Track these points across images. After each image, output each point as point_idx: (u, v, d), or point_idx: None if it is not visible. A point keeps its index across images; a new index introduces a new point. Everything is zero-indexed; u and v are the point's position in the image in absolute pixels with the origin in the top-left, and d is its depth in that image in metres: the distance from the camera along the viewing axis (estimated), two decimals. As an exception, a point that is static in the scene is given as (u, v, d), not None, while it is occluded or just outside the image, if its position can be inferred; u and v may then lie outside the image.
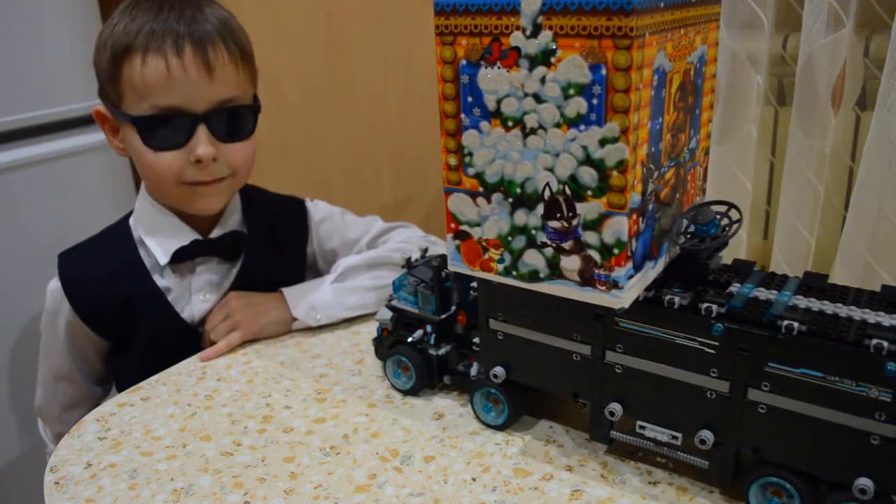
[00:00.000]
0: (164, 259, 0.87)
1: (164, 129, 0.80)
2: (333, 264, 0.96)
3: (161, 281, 0.88)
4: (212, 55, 0.80)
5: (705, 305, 0.54)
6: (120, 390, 0.93)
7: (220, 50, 0.81)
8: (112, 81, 0.81)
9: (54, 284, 0.88)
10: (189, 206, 0.86)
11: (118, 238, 0.89)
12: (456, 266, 0.60)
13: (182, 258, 0.87)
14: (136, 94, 0.79)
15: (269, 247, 0.94)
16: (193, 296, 0.89)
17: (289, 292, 0.88)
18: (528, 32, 0.50)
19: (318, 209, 1.00)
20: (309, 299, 0.87)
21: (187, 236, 0.88)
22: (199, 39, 0.79)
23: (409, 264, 0.73)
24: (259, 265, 0.92)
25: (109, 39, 0.80)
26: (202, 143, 0.81)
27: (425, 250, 0.78)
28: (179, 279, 0.89)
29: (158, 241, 0.87)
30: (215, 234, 0.90)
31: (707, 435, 0.55)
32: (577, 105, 0.50)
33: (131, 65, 0.79)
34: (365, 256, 0.92)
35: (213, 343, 0.85)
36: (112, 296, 0.86)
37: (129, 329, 0.88)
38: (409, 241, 0.96)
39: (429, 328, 0.72)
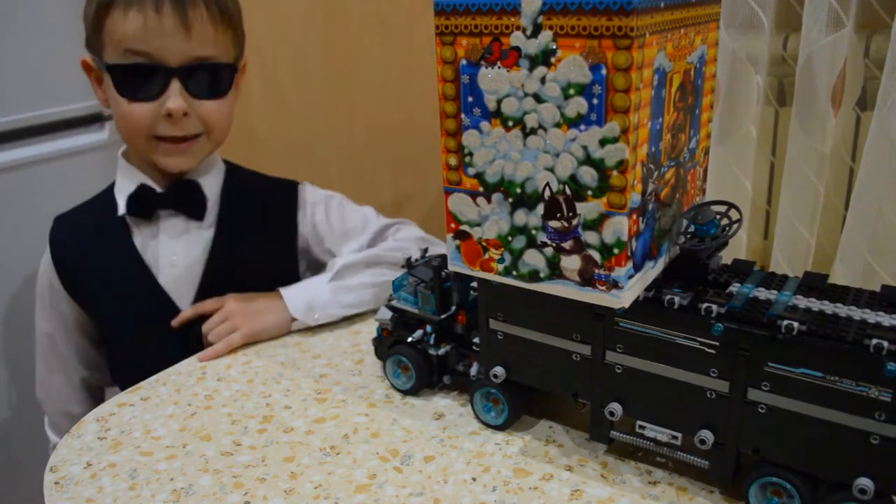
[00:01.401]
0: (122, 209, 0.89)
1: (138, 79, 0.83)
2: (327, 250, 0.98)
3: (136, 240, 0.90)
4: (191, 13, 0.82)
5: (705, 305, 0.54)
6: (111, 366, 0.96)
7: (200, 8, 0.83)
8: (95, 32, 0.84)
9: (46, 251, 0.93)
10: (158, 160, 0.88)
11: (102, 198, 0.94)
12: (456, 266, 0.60)
13: (140, 209, 0.89)
14: (114, 44, 0.82)
15: (251, 220, 0.95)
16: (161, 258, 0.90)
17: (286, 292, 0.88)
18: (528, 32, 0.50)
19: (314, 192, 1.00)
20: (307, 299, 0.87)
21: (140, 182, 0.90)
22: None
23: (409, 264, 0.73)
24: (237, 235, 0.93)
25: None
26: (174, 96, 0.83)
27: (425, 250, 0.78)
28: (150, 239, 0.90)
29: (122, 194, 0.91)
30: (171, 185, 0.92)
31: (707, 435, 0.55)
32: (578, 105, 0.50)
33: (112, 18, 0.81)
34: (363, 255, 0.92)
35: (210, 345, 0.85)
36: (89, 254, 0.90)
37: (104, 293, 0.90)
38: (406, 239, 0.97)
39: (429, 328, 0.72)
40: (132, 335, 0.91)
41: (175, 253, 0.90)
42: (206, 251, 0.91)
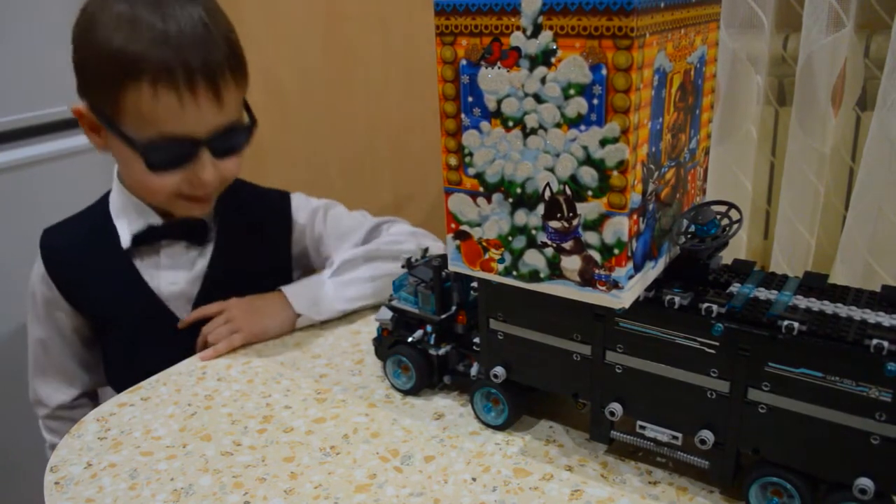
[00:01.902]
0: (126, 242, 0.88)
1: (168, 152, 0.80)
2: (325, 255, 0.97)
3: (136, 261, 0.89)
4: (222, 86, 0.79)
5: (705, 305, 0.54)
6: (108, 370, 0.95)
7: (228, 78, 0.80)
8: (110, 97, 0.78)
9: (38, 258, 0.91)
10: (175, 211, 0.87)
11: (97, 213, 0.92)
12: (456, 266, 0.60)
13: (146, 241, 0.88)
14: (142, 121, 0.77)
15: (247, 233, 0.94)
16: (162, 279, 0.89)
17: (289, 291, 0.88)
18: (528, 32, 0.50)
19: (307, 203, 1.00)
20: (310, 295, 0.87)
21: (146, 221, 0.88)
22: (212, 72, 0.77)
23: (409, 264, 0.73)
24: (234, 249, 0.92)
25: (108, 46, 0.76)
26: (206, 168, 0.81)
27: (426, 250, 0.78)
28: (151, 265, 0.89)
29: (122, 222, 0.89)
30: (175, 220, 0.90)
31: (707, 435, 0.55)
32: (578, 105, 0.50)
33: (138, 92, 0.76)
34: (361, 250, 0.92)
35: (209, 346, 0.85)
36: (86, 263, 0.89)
37: (103, 300, 0.89)
38: (400, 233, 0.97)
39: (429, 328, 0.72)
40: (130, 340, 0.90)
41: (176, 277, 0.90)
42: (203, 267, 0.91)
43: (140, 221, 0.88)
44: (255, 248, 0.95)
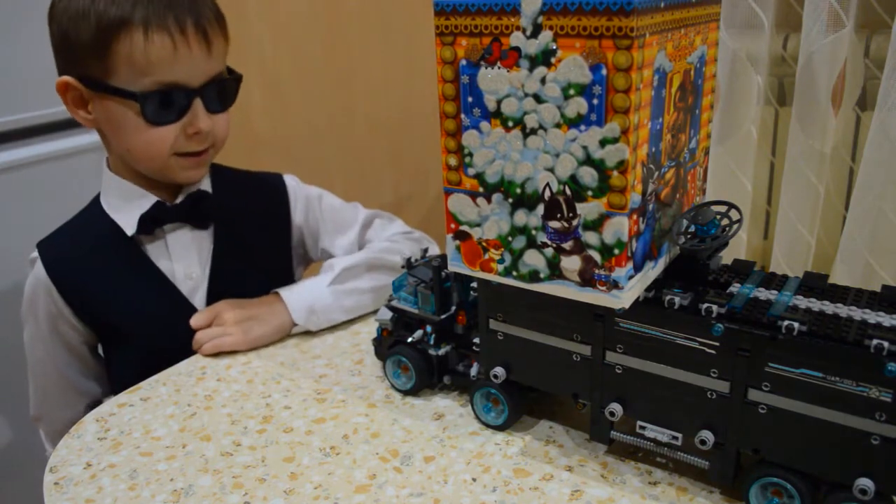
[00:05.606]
0: (131, 229, 0.86)
1: (164, 104, 0.81)
2: (322, 249, 0.98)
3: (150, 256, 0.88)
4: (209, 30, 0.81)
5: (705, 306, 0.54)
6: (117, 380, 0.92)
7: (214, 24, 0.82)
8: (97, 55, 0.78)
9: (35, 273, 0.89)
10: (175, 176, 0.87)
11: (93, 216, 0.90)
12: (456, 266, 0.60)
13: (149, 227, 0.87)
14: (136, 71, 0.79)
15: (247, 218, 0.94)
16: (177, 272, 0.89)
17: (288, 296, 0.87)
18: (528, 32, 0.50)
19: (303, 187, 1.00)
20: (308, 303, 0.86)
21: (149, 202, 0.87)
22: (200, 17, 0.80)
23: (409, 264, 0.73)
24: (236, 235, 0.92)
25: (91, 9, 0.78)
26: (201, 117, 0.83)
27: (425, 250, 0.78)
28: (161, 256, 0.89)
29: (124, 213, 0.87)
30: (178, 199, 0.89)
31: (707, 435, 0.55)
32: (578, 105, 0.50)
33: (130, 40, 0.77)
34: (362, 257, 0.92)
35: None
36: (94, 268, 0.87)
37: (116, 307, 0.87)
38: (398, 238, 0.97)
39: (429, 328, 0.72)
40: (155, 347, 0.87)
41: (190, 266, 0.89)
42: (209, 255, 0.90)
43: (143, 203, 0.87)
44: (258, 232, 0.95)
